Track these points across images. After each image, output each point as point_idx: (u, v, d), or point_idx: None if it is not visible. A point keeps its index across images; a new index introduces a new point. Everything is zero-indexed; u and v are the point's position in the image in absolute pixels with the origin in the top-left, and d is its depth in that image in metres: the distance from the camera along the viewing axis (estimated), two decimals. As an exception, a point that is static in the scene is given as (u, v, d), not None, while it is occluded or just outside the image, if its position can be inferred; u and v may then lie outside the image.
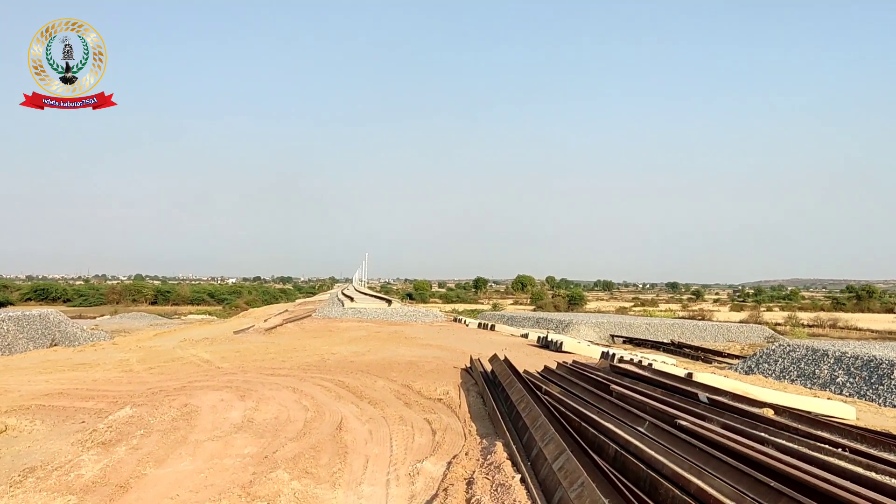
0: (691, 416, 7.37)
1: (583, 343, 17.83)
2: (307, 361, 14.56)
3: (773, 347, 25.80)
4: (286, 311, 41.40)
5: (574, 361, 12.93)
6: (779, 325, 63.60)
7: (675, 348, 38.36)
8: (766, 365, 28.87)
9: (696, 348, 37.68)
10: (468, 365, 13.50)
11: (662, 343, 40.50)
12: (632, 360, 12.64)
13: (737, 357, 33.89)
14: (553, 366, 13.74)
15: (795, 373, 22.80)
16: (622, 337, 43.47)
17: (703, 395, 8.04)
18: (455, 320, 30.68)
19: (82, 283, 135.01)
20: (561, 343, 17.25)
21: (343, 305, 36.53)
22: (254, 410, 8.89)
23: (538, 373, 11.80)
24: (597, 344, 27.89)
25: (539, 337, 19.26)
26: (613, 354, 14.13)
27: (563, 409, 7.74)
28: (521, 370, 10.66)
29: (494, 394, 9.68)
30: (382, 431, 8.07)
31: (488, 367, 12.17)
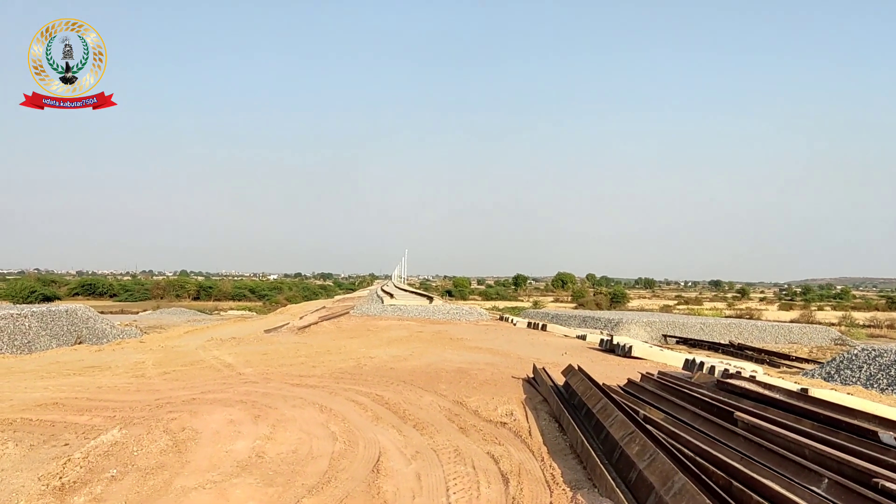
0: (887, 468, 4.95)
1: (655, 348, 15.33)
2: (341, 367, 12.45)
3: (856, 352, 22.74)
4: (323, 307, 39.68)
5: (660, 373, 10.50)
6: (833, 325, 59.95)
7: (736, 350, 35.25)
8: (849, 371, 25.71)
9: (759, 350, 34.52)
10: (530, 375, 11.21)
11: (720, 344, 37.40)
12: (738, 372, 10.14)
13: (806, 361, 30.72)
14: (631, 377, 11.35)
15: (886, 381, 19.92)
16: (675, 337, 40.50)
17: (886, 435, 5.61)
18: (501, 319, 28.34)
19: (129, 278, 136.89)
20: (630, 347, 14.78)
21: (382, 302, 34.55)
22: (267, 440, 6.78)
23: (621, 388, 9.44)
24: (666, 347, 25.13)
25: (602, 339, 16.79)
26: (701, 363, 11.65)
27: (687, 451, 5.41)
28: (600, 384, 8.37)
29: (576, 418, 7.37)
30: (434, 475, 5.85)
31: (559, 379, 9.86)
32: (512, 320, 26.12)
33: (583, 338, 19.80)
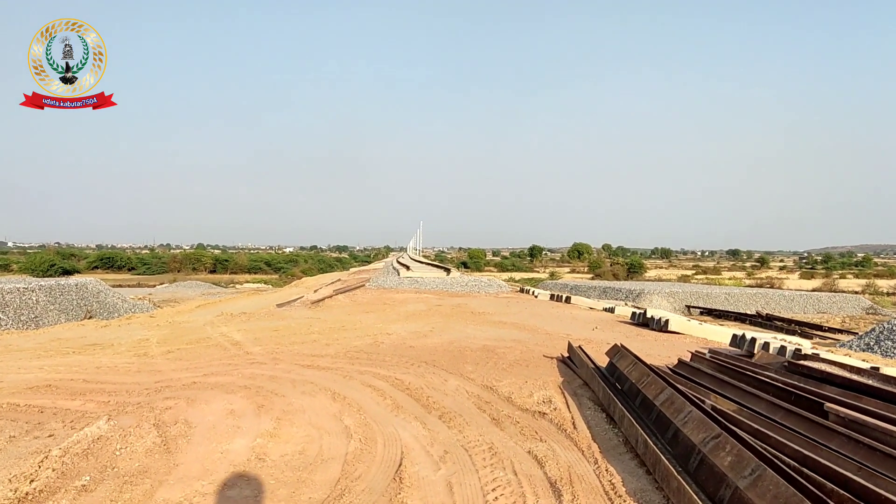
0: None
1: (693, 321, 14.15)
2: (356, 346, 11.44)
3: (898, 322, 21.45)
4: (339, 280, 38.77)
5: (711, 351, 9.36)
6: (856, 293, 58.50)
7: (764, 321, 33.93)
8: (890, 342, 24.52)
9: (788, 321, 33.16)
10: (564, 354, 10.11)
11: (747, 315, 36.07)
12: (799, 350, 8.95)
13: (839, 331, 29.37)
14: (674, 354, 10.23)
15: (935, 354, 18.73)
16: (699, 308, 39.19)
17: None
18: (521, 291, 27.21)
19: (147, 252, 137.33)
20: (666, 321, 13.62)
21: (399, 275, 33.56)
22: (270, 437, 5.76)
23: (671, 369, 8.32)
24: (694, 319, 23.83)
25: (634, 312, 15.63)
26: (752, 339, 10.48)
27: (786, 458, 4.31)
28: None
29: (630, 409, 6.27)
30: (470, 485, 4.79)
31: (599, 360, 8.76)
32: (533, 292, 25.01)
33: (611, 310, 18.64)
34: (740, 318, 35.20)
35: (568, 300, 21.63)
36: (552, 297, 22.85)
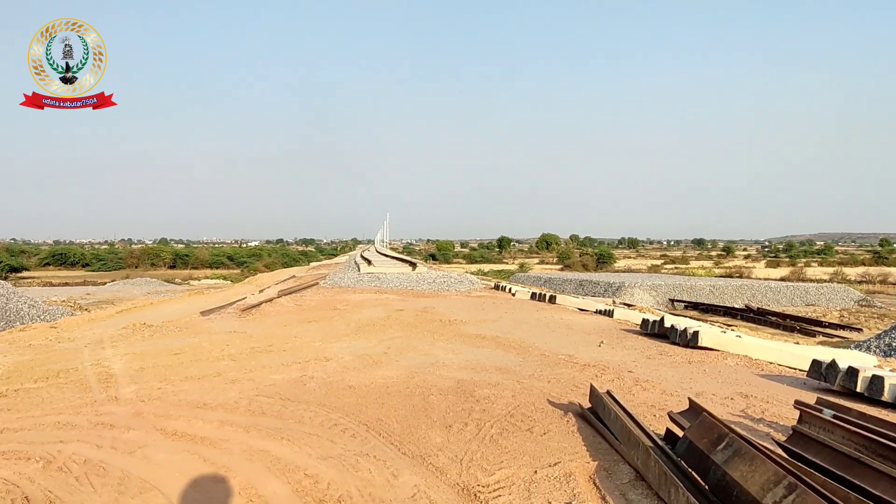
0: None
1: (729, 333, 10.69)
2: (272, 382, 7.65)
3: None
4: (293, 277, 34.66)
5: (817, 399, 5.88)
6: (823, 281, 56.95)
7: (756, 315, 30.94)
8: (915, 343, 21.62)
9: (782, 315, 30.23)
10: (579, 403, 6.52)
11: (737, 309, 33.08)
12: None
13: (841, 327, 26.49)
14: (739, 392, 6.78)
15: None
16: (683, 302, 36.22)
17: None
18: (496, 288, 23.59)
19: (107, 247, 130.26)
20: (694, 333, 10.12)
21: (359, 270, 29.67)
22: None
23: (782, 445, 4.82)
24: (675, 314, 19.68)
25: (646, 320, 12.14)
26: (853, 370, 7.04)
27: None
28: (718, 420, 3.78)
29: None
30: None
31: (633, 406, 5.20)
32: (510, 290, 21.43)
33: (608, 314, 15.14)
34: (730, 312, 32.23)
35: (552, 300, 18.10)
36: (533, 295, 19.29)
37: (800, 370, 8.83)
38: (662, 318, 11.45)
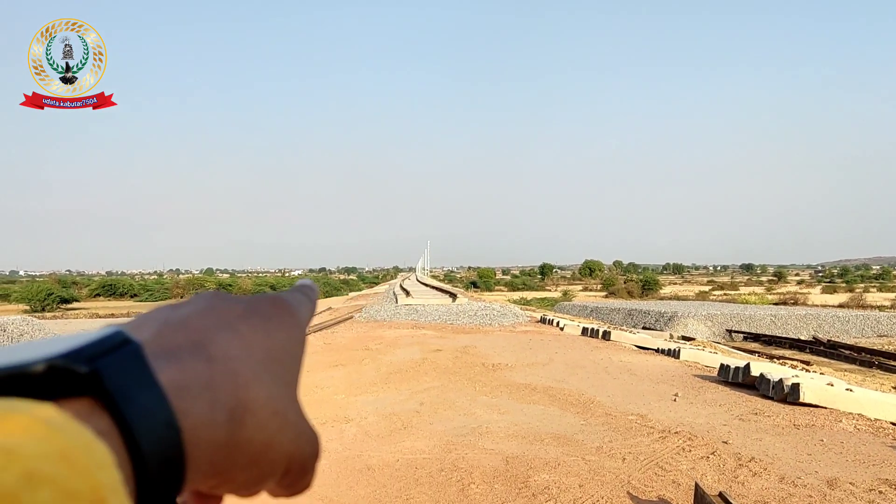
0: None
1: (837, 386, 8.66)
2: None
3: None
4: (329, 309, 33.52)
5: None
6: (885, 308, 53.12)
7: (827, 349, 28.09)
8: None
9: (857, 349, 27.32)
10: (677, 501, 4.74)
11: (803, 341, 30.12)
12: None
13: (926, 362, 23.55)
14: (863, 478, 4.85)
15: None
16: (743, 332, 33.46)
17: None
18: (542, 321, 21.73)
19: (156, 277, 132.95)
20: (795, 386, 8.15)
21: (397, 302, 28.20)
22: None
23: None
24: (735, 346, 17.25)
25: (724, 366, 10.13)
26: None
27: None
28: None
29: None
30: None
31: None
32: (558, 324, 19.55)
33: (674, 355, 13.16)
34: (795, 344, 29.42)
35: (607, 336, 16.17)
36: (585, 331, 17.38)
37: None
38: (748, 365, 9.47)
